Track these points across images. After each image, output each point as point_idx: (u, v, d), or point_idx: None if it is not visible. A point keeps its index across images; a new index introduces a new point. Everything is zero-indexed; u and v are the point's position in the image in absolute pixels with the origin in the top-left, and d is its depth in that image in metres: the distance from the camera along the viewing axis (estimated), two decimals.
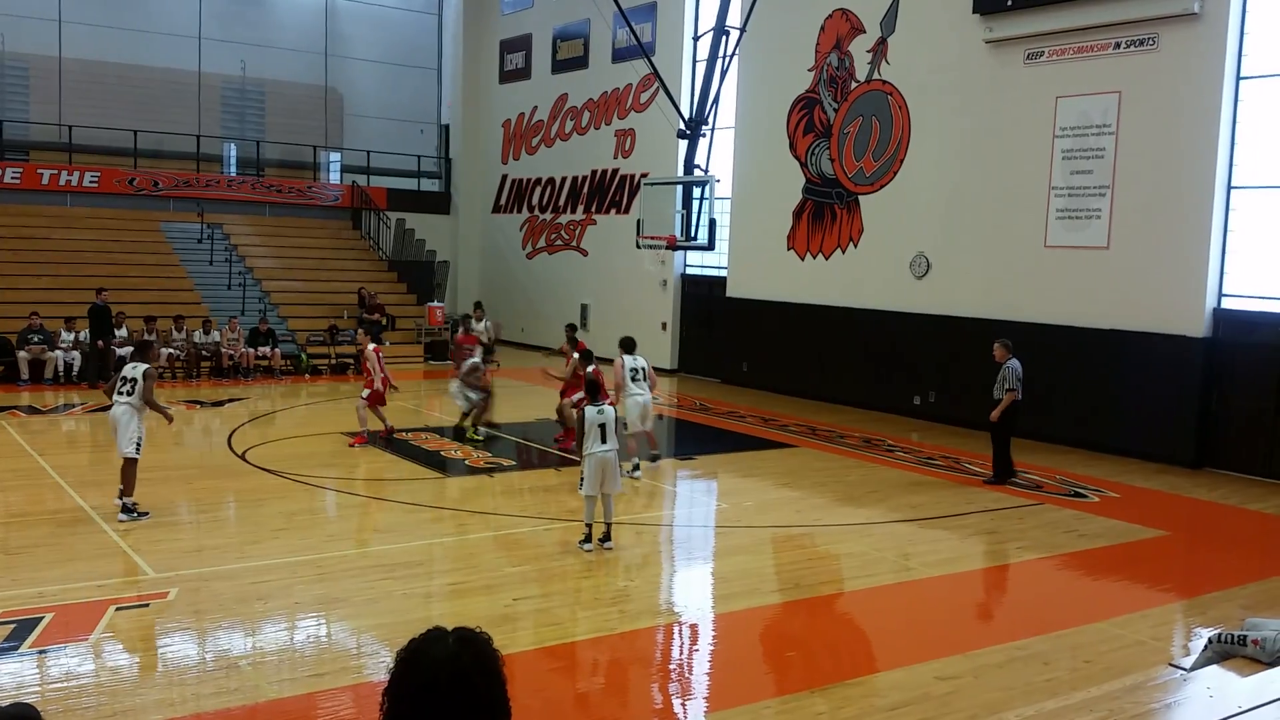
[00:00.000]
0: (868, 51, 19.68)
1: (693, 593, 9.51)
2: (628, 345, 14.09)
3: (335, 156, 30.31)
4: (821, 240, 20.74)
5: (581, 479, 10.09)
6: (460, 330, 18.74)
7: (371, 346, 15.30)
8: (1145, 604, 9.03)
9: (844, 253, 20.28)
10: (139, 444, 10.41)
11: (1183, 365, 15.11)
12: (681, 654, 7.82)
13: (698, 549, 10.90)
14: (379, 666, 6.95)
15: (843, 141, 20.26)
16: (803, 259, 21.12)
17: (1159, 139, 15.40)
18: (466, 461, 13.97)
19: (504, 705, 2.16)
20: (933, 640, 7.91)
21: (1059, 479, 13.98)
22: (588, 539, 9.84)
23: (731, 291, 22.78)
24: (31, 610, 7.58)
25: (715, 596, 9.17)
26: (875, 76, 19.57)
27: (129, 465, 10.38)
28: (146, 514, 10.37)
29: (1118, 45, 15.81)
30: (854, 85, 20.01)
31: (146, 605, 7.83)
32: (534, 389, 20.65)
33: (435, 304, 26.39)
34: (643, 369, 13.72)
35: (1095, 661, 7.47)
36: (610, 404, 10.29)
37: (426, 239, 29.32)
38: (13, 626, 7.25)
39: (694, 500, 13.29)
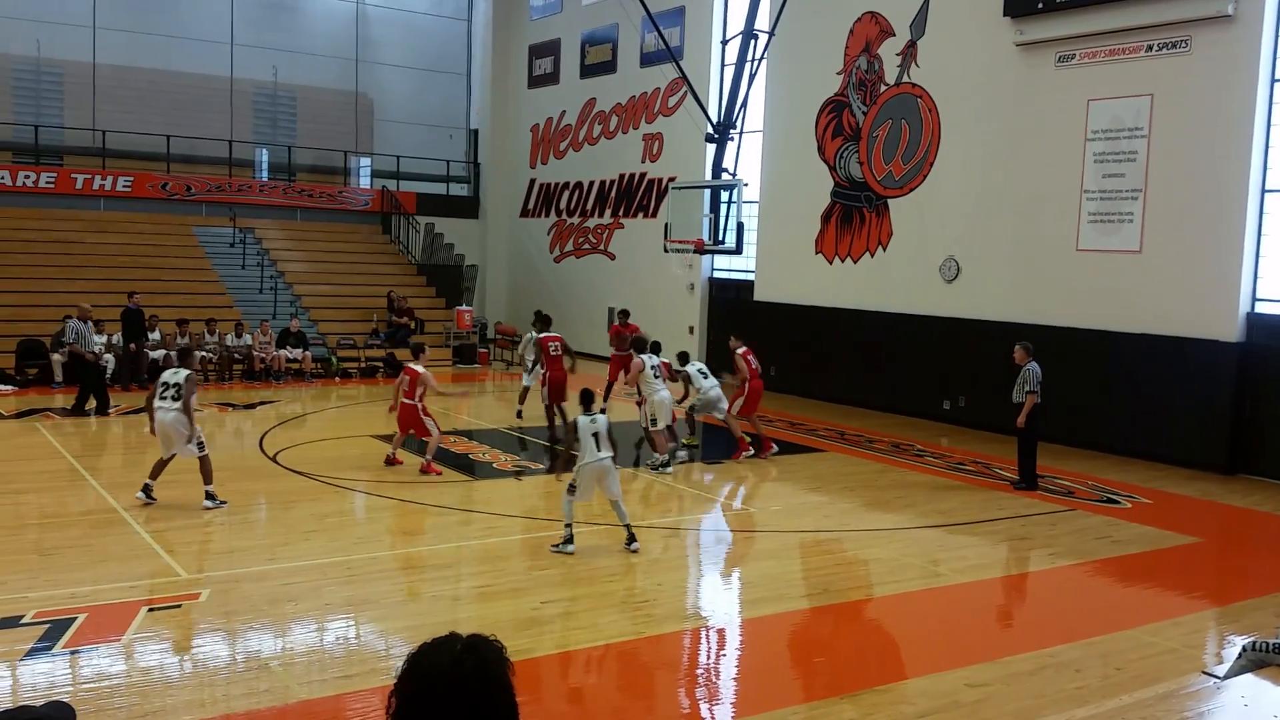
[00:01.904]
0: (897, 54, 19.60)
1: (719, 597, 9.50)
2: (642, 346, 14.41)
3: (365, 161, 30.52)
4: (850, 244, 20.67)
5: (573, 485, 9.92)
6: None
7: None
8: (1178, 611, 8.93)
9: (872, 256, 20.20)
10: (201, 440, 10.95)
11: (1216, 370, 14.94)
12: (708, 659, 7.81)
13: (725, 553, 10.88)
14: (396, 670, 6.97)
15: (872, 145, 20.18)
16: (831, 263, 21.06)
17: (1192, 142, 15.24)
18: (494, 464, 14.02)
19: (506, 712, 2.16)
20: (962, 647, 7.86)
21: (1091, 484, 13.86)
22: (569, 540, 9.74)
23: (759, 295, 22.73)
24: (65, 611, 7.67)
25: (742, 601, 9.16)
26: (905, 79, 19.49)
27: (203, 461, 10.98)
28: (224, 503, 10.96)
29: (1150, 48, 15.67)
30: (883, 88, 19.94)
31: (178, 606, 7.91)
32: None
33: (464, 308, 26.51)
34: (655, 368, 14.28)
35: (1127, 669, 7.39)
36: (602, 412, 10.20)
37: (455, 243, 29.47)
38: (47, 627, 7.34)
39: (721, 504, 13.26)
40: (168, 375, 11.06)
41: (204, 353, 21.02)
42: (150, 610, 7.82)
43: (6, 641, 7.07)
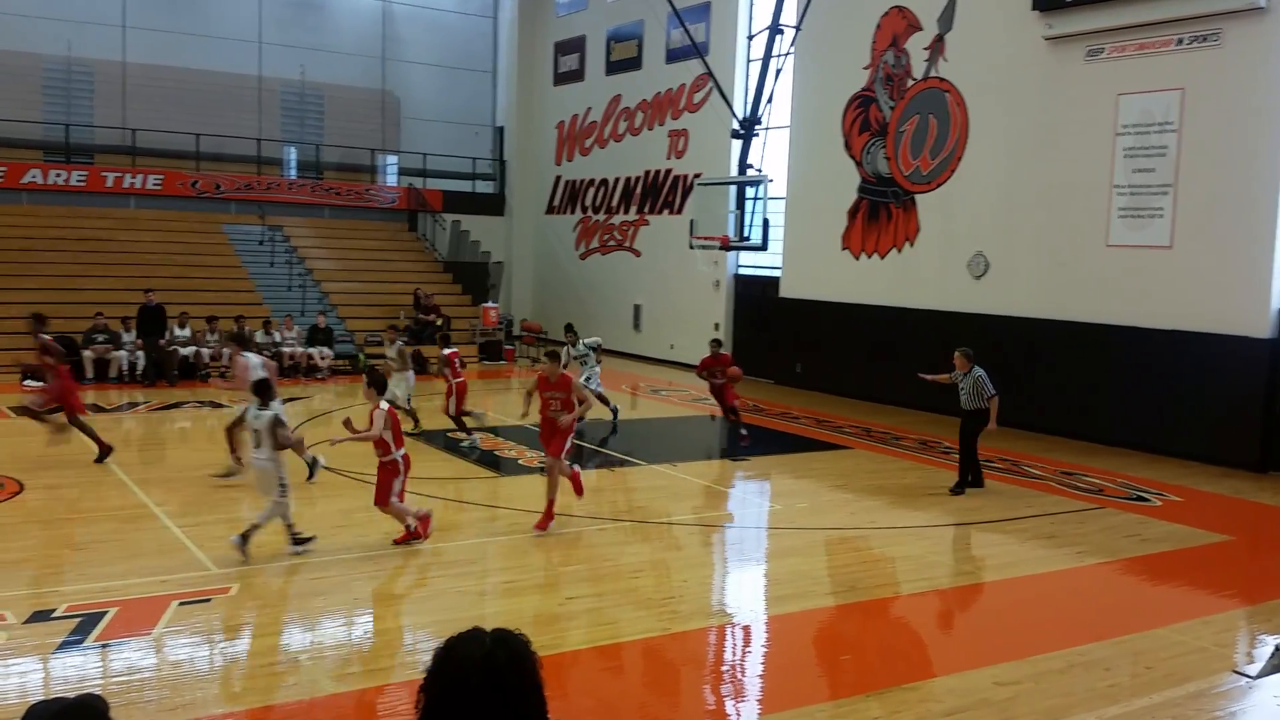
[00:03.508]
0: (925, 49, 19.48)
1: (746, 594, 9.48)
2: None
3: (392, 159, 30.66)
4: (877, 240, 20.57)
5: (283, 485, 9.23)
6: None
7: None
8: (1208, 610, 8.83)
9: (900, 252, 20.10)
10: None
11: (1247, 366, 14.77)
12: (734, 656, 7.80)
13: (751, 550, 10.85)
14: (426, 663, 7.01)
15: (899, 140, 20.08)
16: (857, 259, 20.97)
17: (1223, 136, 15.06)
18: (520, 461, 14.05)
19: (538, 706, 2.17)
20: (991, 645, 7.81)
21: (1120, 482, 13.73)
22: (296, 540, 9.23)
23: (785, 292, 22.67)
24: (97, 605, 7.75)
25: (768, 598, 9.13)
26: (932, 74, 19.37)
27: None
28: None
29: (1180, 41, 15.50)
30: (911, 83, 19.83)
31: (208, 600, 7.97)
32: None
33: (489, 305, 26.59)
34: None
35: (1157, 668, 7.32)
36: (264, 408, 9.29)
37: (481, 241, 29.57)
38: (79, 620, 7.42)
39: (747, 501, 13.23)
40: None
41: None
42: (180, 604, 7.89)
43: (39, 635, 7.16)
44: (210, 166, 27.21)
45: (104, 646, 7.05)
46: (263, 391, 9.43)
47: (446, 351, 15.02)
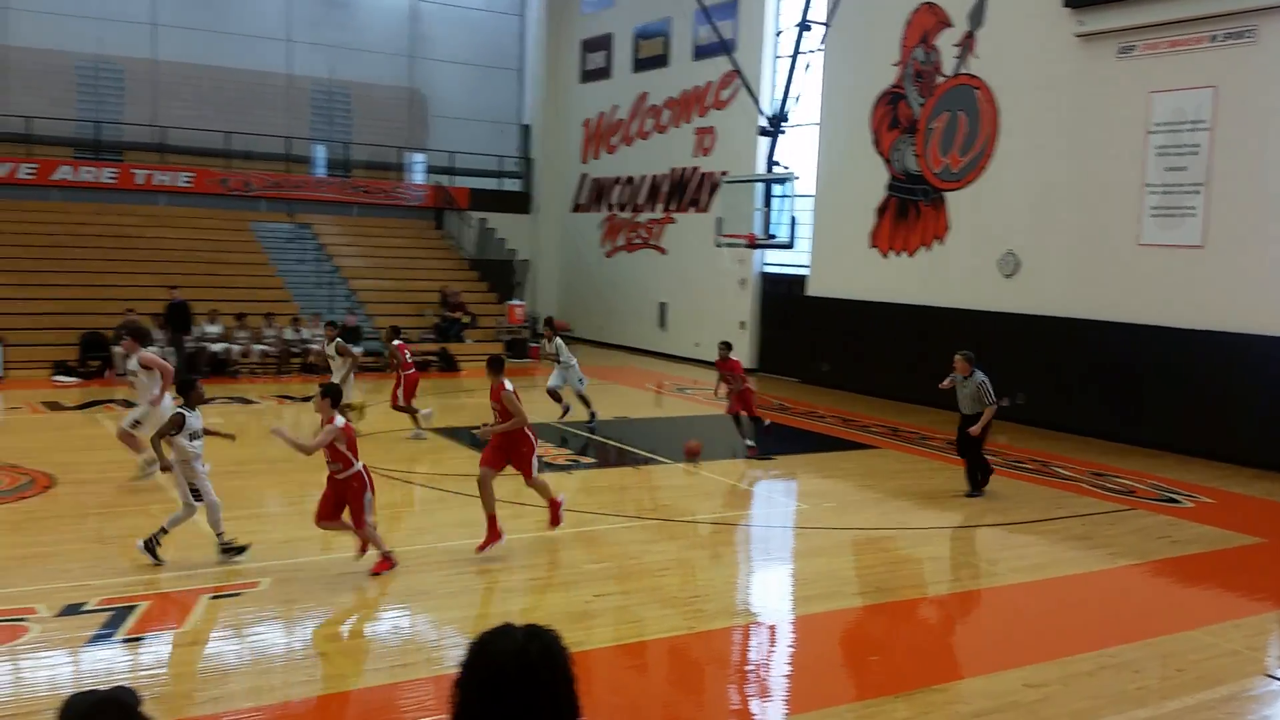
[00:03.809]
0: (955, 45, 19.35)
1: (771, 594, 9.45)
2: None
3: (419, 157, 30.78)
4: (905, 238, 20.46)
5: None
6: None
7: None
8: (1240, 612, 8.72)
9: (929, 250, 19.98)
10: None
11: (1279, 367, 14.58)
12: (760, 655, 7.77)
13: (776, 550, 10.81)
14: (460, 659, 7.03)
15: (928, 137, 19.96)
16: (885, 257, 20.86)
17: (1256, 134, 14.87)
18: (544, 458, 14.05)
19: (571, 700, 2.17)
20: (1019, 646, 7.75)
21: (1151, 483, 13.59)
22: (225, 549, 8.91)
23: (812, 290, 22.59)
24: (127, 598, 7.82)
25: (794, 598, 9.10)
26: (962, 71, 19.24)
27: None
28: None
29: (1214, 38, 15.31)
30: (940, 80, 19.70)
31: (238, 595, 8.02)
32: (613, 387, 20.75)
33: (515, 302, 26.64)
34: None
35: (1188, 670, 7.24)
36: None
37: (507, 238, 29.64)
38: (110, 614, 7.48)
39: (772, 500, 13.20)
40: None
41: (263, 346, 21.40)
42: (211, 598, 7.95)
43: (70, 628, 7.23)
44: (239, 164, 27.41)
45: (135, 640, 7.11)
46: (183, 391, 9.18)
47: (395, 343, 15.22)
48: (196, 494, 8.92)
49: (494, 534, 9.31)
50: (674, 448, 14.55)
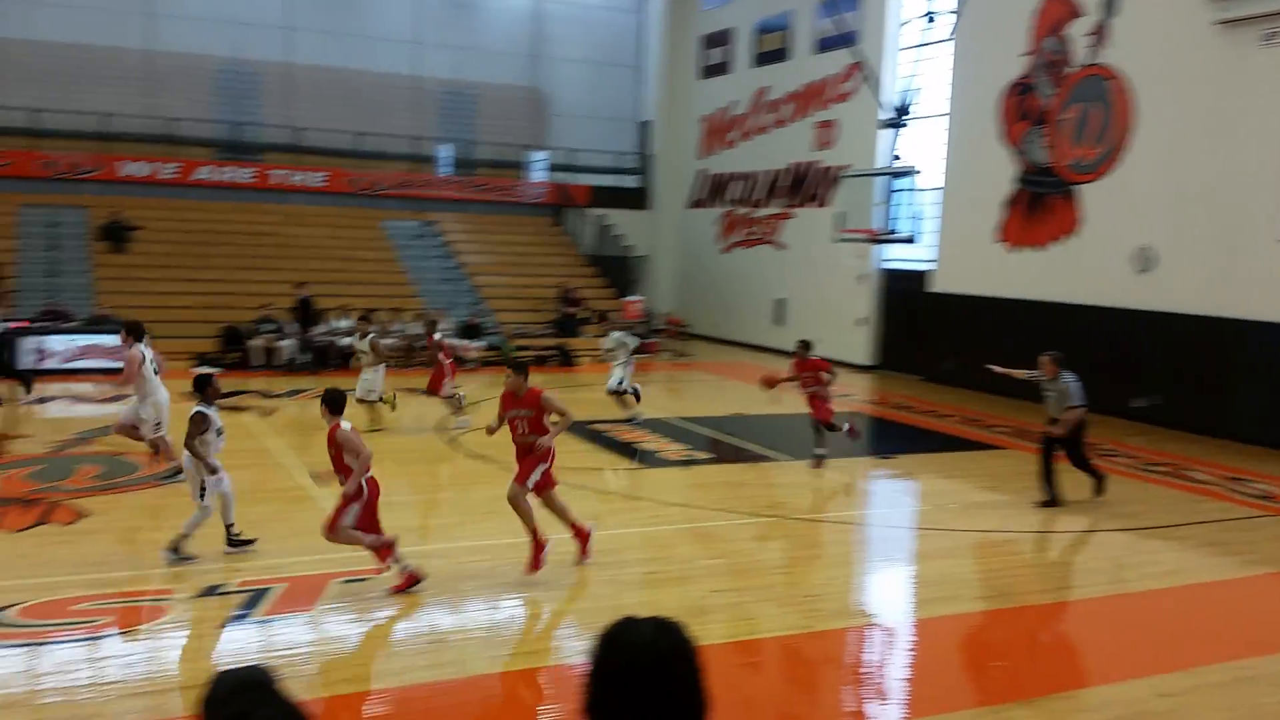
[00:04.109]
0: (1087, 35, 18.70)
1: (891, 595, 9.31)
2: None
3: (540, 155, 31.22)
4: (1034, 232, 19.87)
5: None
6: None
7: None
8: None
9: (1059, 245, 19.36)
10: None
11: None
12: (877, 657, 7.67)
13: (897, 550, 10.64)
14: (577, 650, 7.14)
15: (1059, 129, 19.34)
16: (1014, 252, 20.30)
17: None
18: (659, 453, 14.13)
19: (702, 691, 2.19)
20: (1150, 655, 7.47)
21: None
22: (232, 541, 8.93)
23: (935, 286, 22.12)
24: (263, 581, 8.15)
25: (914, 600, 8.95)
26: (1095, 61, 18.58)
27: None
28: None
29: None
30: (1072, 70, 19.06)
31: (365, 580, 8.29)
32: (729, 384, 20.72)
33: (632, 298, 26.80)
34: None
35: None
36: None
37: (625, 235, 29.85)
38: (247, 595, 7.82)
39: (893, 500, 13.00)
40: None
41: (391, 340, 22.07)
42: (340, 583, 8.23)
43: (210, 608, 7.58)
44: (369, 164, 28.25)
45: (270, 621, 7.41)
46: (200, 387, 8.97)
47: (437, 336, 15.77)
48: (204, 491, 8.69)
49: (539, 553, 8.50)
50: (791, 444, 14.45)
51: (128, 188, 25.20)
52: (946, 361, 21.54)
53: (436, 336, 15.81)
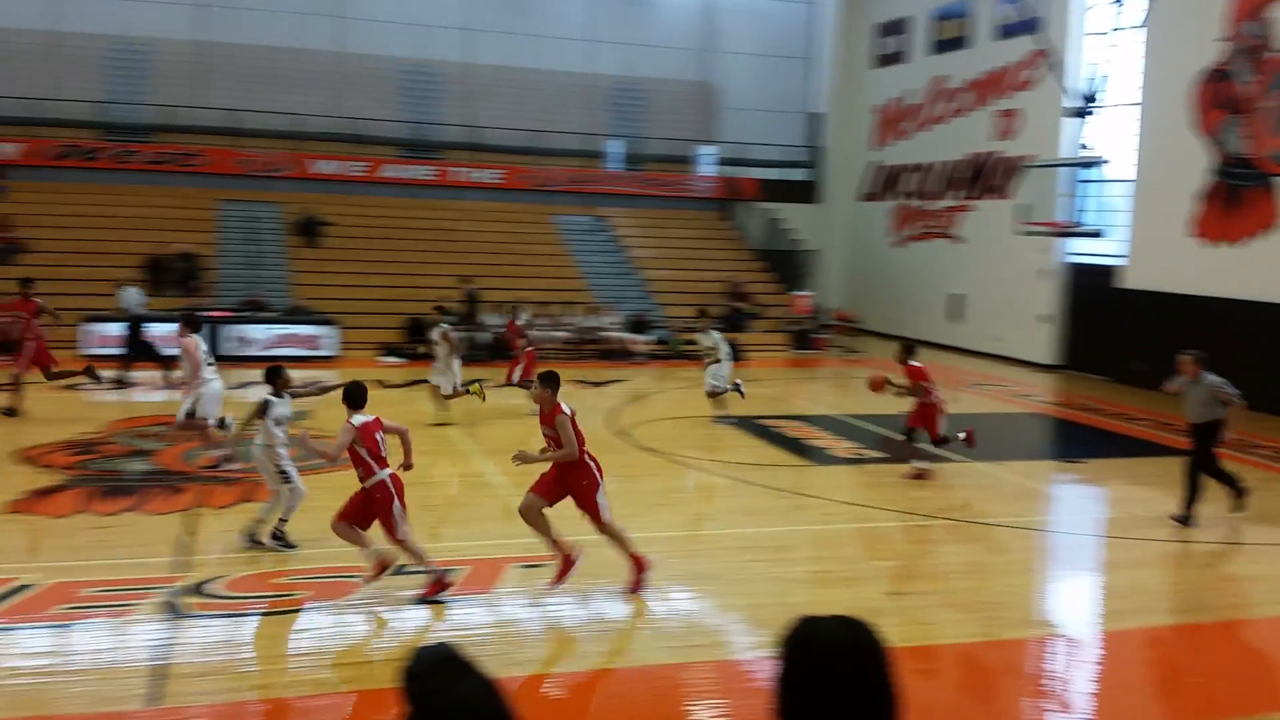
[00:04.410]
0: None
1: (1076, 605, 8.92)
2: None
3: (709, 149, 31.24)
4: (1232, 227, 18.65)
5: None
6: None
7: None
8: None
9: (1259, 240, 18.12)
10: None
11: None
12: (1062, 669, 7.36)
13: (1084, 559, 10.18)
14: (746, 645, 7.13)
15: (1259, 118, 18.08)
16: (1210, 247, 19.11)
17: None
18: (829, 451, 13.95)
19: (895, 692, 2.15)
20: None
21: None
22: (276, 536, 8.73)
23: (1126, 282, 21.03)
24: (446, 563, 8.42)
25: (1102, 611, 8.56)
26: None
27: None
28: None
29: None
30: (1273, 55, 17.79)
31: (542, 566, 8.48)
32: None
33: (801, 293, 26.52)
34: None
35: None
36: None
37: (794, 228, 29.57)
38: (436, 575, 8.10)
39: (1080, 507, 12.44)
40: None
41: (564, 333, 22.59)
42: (517, 568, 8.45)
43: (396, 587, 7.90)
44: (542, 161, 28.89)
45: (453, 601, 7.67)
46: (270, 378, 9.11)
47: (519, 323, 16.33)
48: (285, 476, 8.78)
49: (566, 562, 7.91)
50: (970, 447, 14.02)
51: (319, 185, 26.55)
52: (1137, 362, 20.46)
53: (519, 323, 16.28)
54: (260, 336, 20.76)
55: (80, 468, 11.44)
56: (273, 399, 8.82)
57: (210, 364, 11.99)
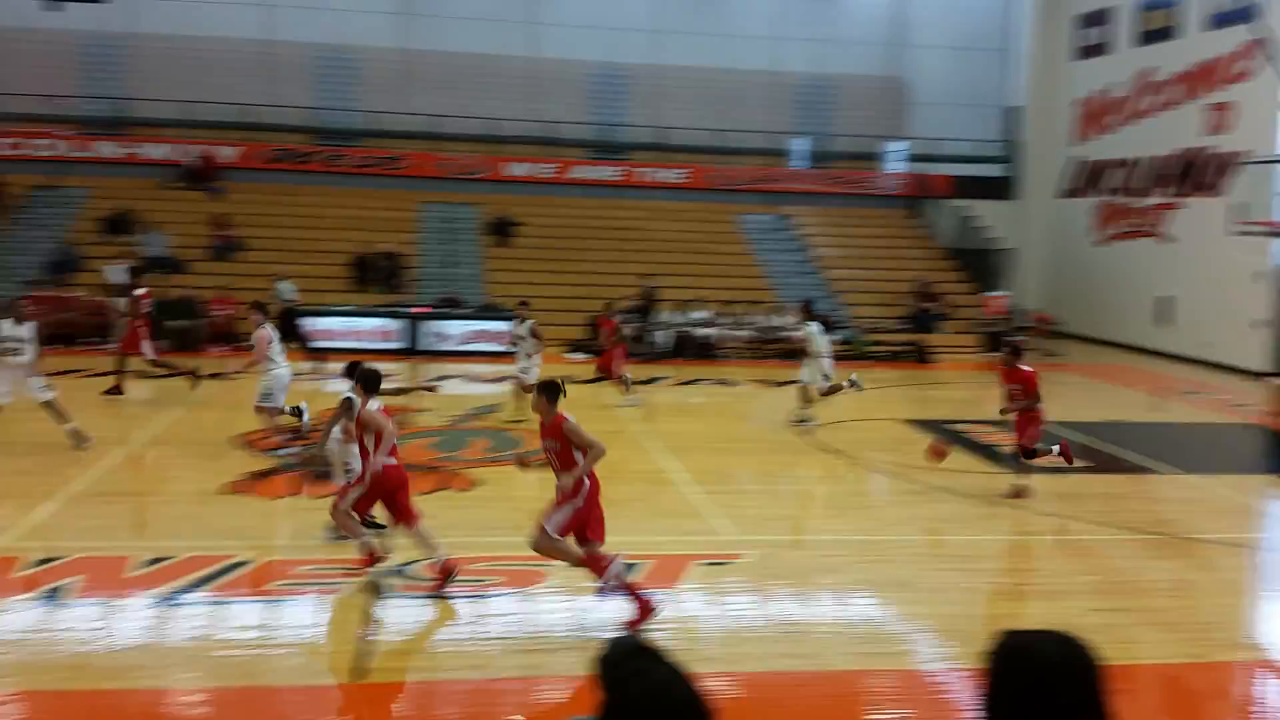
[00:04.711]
0: None
1: None
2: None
3: (898, 146, 30.57)
4: None
5: None
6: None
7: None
8: None
9: None
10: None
11: None
12: (1274, 697, 6.88)
13: None
14: (934, 655, 6.97)
15: None
16: None
17: None
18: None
19: (1110, 711, 2.09)
20: None
21: None
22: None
23: None
24: (631, 556, 8.55)
25: None
26: None
27: None
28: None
29: None
30: None
31: (722, 564, 8.53)
32: (1105, 387, 19.34)
33: (995, 293, 25.60)
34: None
35: None
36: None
37: (988, 226, 28.59)
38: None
39: None
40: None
41: (747, 332, 22.58)
42: (700, 565, 8.51)
43: (584, 578, 8.05)
44: (726, 160, 28.94)
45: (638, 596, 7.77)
46: (349, 373, 8.92)
47: (616, 320, 16.54)
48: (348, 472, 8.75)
49: (644, 610, 7.11)
50: (1178, 456, 13.25)
51: (511, 186, 27.43)
52: None
53: (616, 320, 16.48)
54: (455, 332, 21.61)
55: (293, 453, 12.20)
56: (354, 397, 8.72)
57: (280, 352, 12.61)
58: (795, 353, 21.98)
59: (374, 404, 8.00)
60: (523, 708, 6.20)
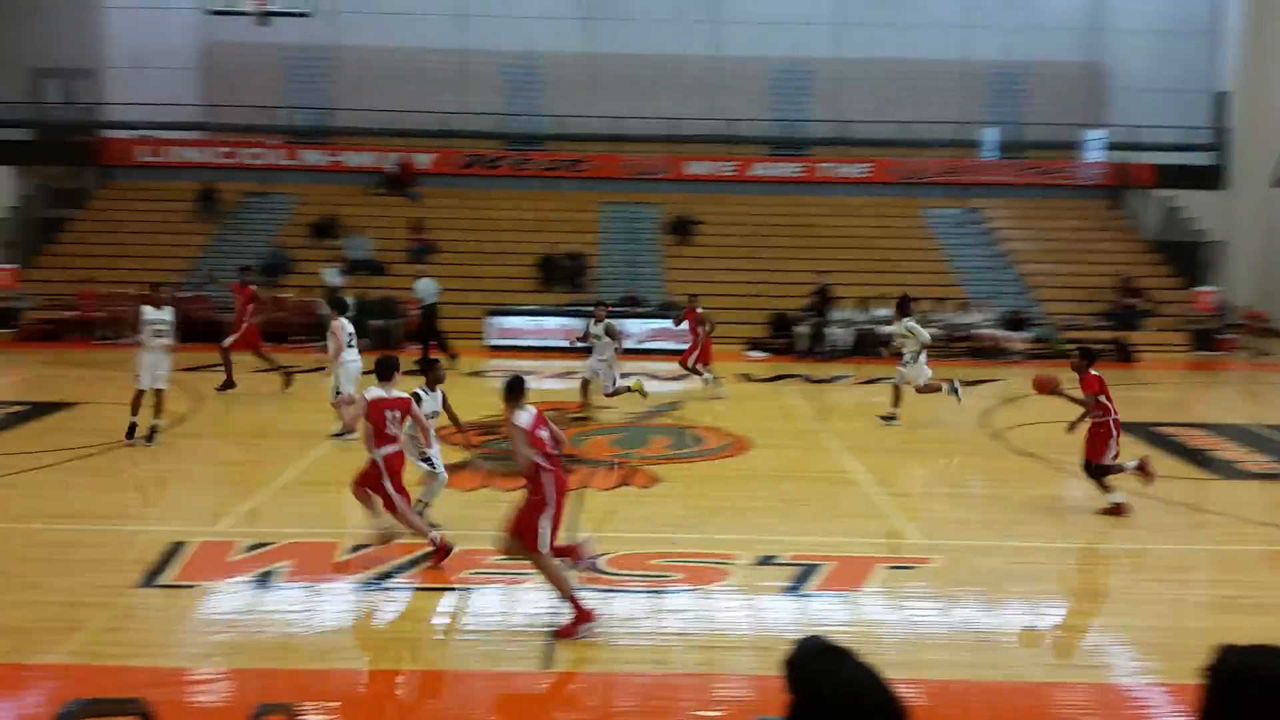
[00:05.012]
0: None
1: None
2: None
3: (1097, 134, 29.12)
4: None
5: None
6: None
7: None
8: None
9: None
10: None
11: None
12: None
13: None
14: (1133, 669, 6.65)
15: None
16: None
17: None
18: (1236, 464, 12.59)
19: None
20: None
21: None
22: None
23: None
24: (813, 557, 8.51)
25: None
26: None
27: None
28: None
29: None
30: None
31: (911, 568, 8.34)
32: None
33: (1204, 288, 24.07)
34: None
35: None
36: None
37: (1196, 217, 26.90)
38: (798, 569, 8.20)
39: None
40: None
41: (933, 329, 21.99)
42: (886, 568, 8.36)
43: (765, 577, 8.08)
44: (912, 152, 28.24)
45: (817, 596, 7.72)
46: (424, 371, 9.45)
47: (699, 311, 16.26)
48: (429, 463, 9.04)
49: (581, 614, 6.92)
50: None
51: (691, 185, 27.61)
52: None
53: (699, 311, 16.25)
54: (637, 330, 21.89)
55: (484, 446, 12.65)
56: (423, 393, 9.08)
57: (352, 345, 12.90)
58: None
59: (375, 392, 8.38)
60: (702, 704, 6.24)
